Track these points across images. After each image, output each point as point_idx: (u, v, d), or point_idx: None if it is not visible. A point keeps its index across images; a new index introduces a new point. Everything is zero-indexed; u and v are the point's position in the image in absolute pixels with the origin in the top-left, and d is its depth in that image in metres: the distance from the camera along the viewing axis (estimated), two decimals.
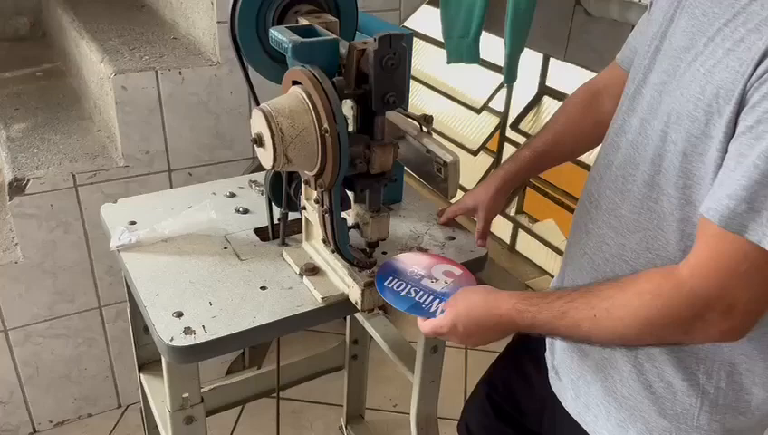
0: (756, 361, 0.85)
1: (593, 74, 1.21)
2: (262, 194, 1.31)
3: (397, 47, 0.83)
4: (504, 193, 1.20)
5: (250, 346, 2.04)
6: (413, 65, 3.13)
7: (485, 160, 3.15)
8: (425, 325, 0.93)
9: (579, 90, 1.20)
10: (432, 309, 0.94)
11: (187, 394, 1.10)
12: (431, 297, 0.97)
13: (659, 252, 0.85)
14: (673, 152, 0.80)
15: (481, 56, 2.02)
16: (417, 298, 0.96)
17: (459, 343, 0.93)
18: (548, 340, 1.10)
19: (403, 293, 0.97)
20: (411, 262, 1.03)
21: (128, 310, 1.34)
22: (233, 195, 1.33)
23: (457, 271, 1.02)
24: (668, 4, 0.90)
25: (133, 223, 1.20)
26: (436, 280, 1.00)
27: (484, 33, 1.92)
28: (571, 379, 1.01)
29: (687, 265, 0.75)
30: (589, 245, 0.97)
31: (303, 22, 0.96)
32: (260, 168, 1.15)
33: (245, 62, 1.03)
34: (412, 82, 3.11)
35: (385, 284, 0.98)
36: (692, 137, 0.77)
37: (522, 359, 1.20)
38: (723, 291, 0.72)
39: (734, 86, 0.72)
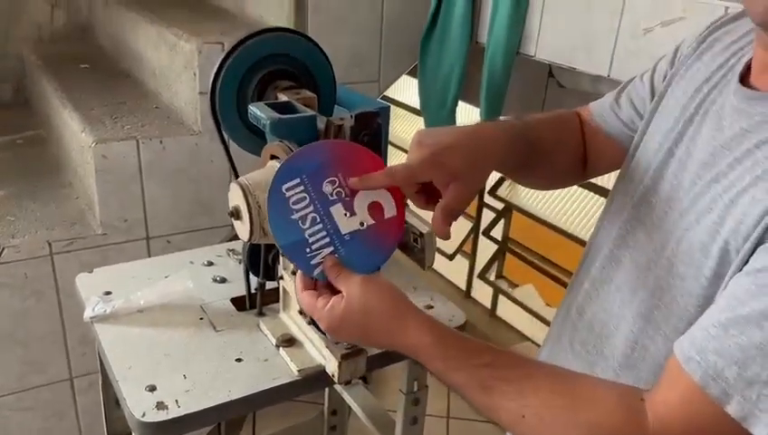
0: None
1: None
2: (240, 263, 1.30)
3: (373, 124, 0.85)
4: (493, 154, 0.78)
5: None
6: (392, 132, 3.20)
7: (465, 224, 3.18)
8: (304, 298, 0.76)
9: (565, 112, 0.99)
10: (314, 260, 0.72)
11: None
12: (325, 238, 0.72)
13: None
14: (679, 290, 0.68)
15: (458, 124, 2.08)
16: (306, 233, 0.72)
17: (326, 329, 0.76)
18: None
19: (295, 215, 0.72)
20: (343, 165, 0.74)
21: (99, 382, 1.31)
22: (210, 263, 1.33)
23: (389, 211, 0.76)
24: (687, 99, 0.77)
25: (108, 293, 1.19)
26: (353, 214, 0.74)
27: (460, 102, 1.98)
28: None
29: (656, 413, 0.61)
30: (574, 368, 0.80)
31: (282, 97, 0.99)
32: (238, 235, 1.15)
33: (225, 135, 1.05)
34: (391, 148, 3.16)
35: (284, 187, 0.71)
36: (702, 277, 0.65)
37: None
38: None
39: (758, 220, 0.60)
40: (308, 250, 0.73)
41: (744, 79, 0.70)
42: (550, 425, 0.64)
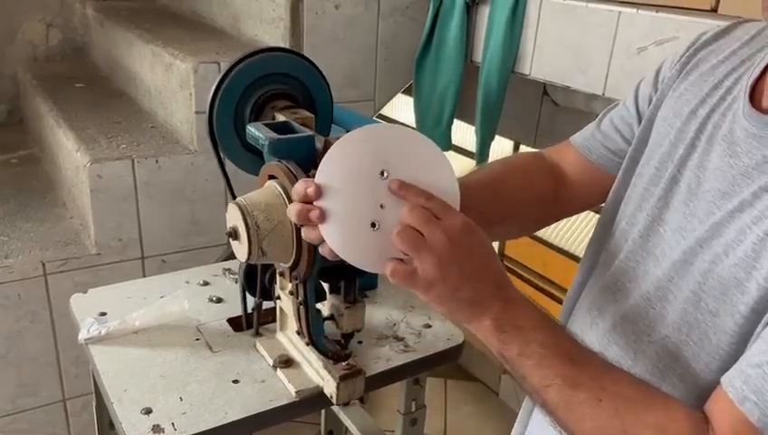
0: None
1: None
2: (236, 282, 1.30)
3: None
4: None
5: None
6: None
7: None
8: (395, 270, 0.64)
9: (524, 155, 0.97)
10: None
11: None
12: None
13: None
14: (710, 326, 0.65)
15: (453, 143, 2.08)
16: None
17: (445, 245, 0.62)
18: None
19: None
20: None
21: (93, 404, 1.29)
22: (206, 283, 1.32)
23: None
24: (682, 122, 0.75)
25: (103, 314, 1.18)
26: None
27: (455, 120, 1.98)
28: None
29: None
30: None
31: (280, 117, 0.99)
32: (234, 254, 1.14)
33: (222, 155, 1.05)
34: None
35: None
36: (737, 314, 0.62)
37: None
38: None
39: None
40: None
41: (753, 101, 0.68)
42: (624, 413, 0.62)
